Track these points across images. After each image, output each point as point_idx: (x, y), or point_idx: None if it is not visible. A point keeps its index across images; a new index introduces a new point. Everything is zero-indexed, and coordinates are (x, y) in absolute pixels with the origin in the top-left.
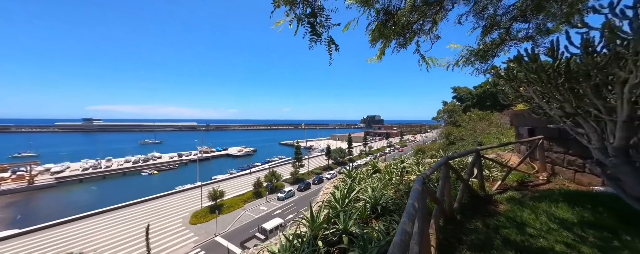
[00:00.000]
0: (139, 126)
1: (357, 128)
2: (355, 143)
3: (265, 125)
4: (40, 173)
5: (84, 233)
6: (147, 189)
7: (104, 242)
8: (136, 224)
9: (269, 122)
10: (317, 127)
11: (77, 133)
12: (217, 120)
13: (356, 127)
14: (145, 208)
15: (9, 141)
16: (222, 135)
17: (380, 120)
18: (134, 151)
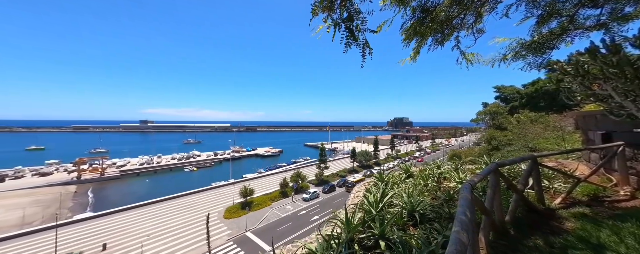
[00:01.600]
0: (182, 127)
1: (384, 131)
2: (382, 146)
3: (290, 127)
4: (109, 166)
5: (139, 220)
6: (188, 184)
7: (154, 229)
8: (180, 214)
9: (294, 123)
10: (342, 129)
11: (135, 133)
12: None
13: (382, 130)
14: (187, 201)
15: (87, 139)
16: (251, 136)
17: (409, 122)
18: (178, 150)
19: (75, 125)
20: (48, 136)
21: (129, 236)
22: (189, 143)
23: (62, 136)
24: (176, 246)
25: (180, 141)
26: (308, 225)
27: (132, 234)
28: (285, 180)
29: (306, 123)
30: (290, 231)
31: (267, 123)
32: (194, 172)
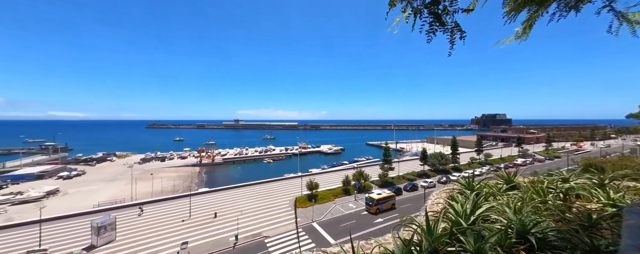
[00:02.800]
0: (262, 125)
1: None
2: (464, 148)
3: (352, 126)
4: (217, 155)
5: (235, 197)
6: (266, 173)
7: (245, 207)
8: (262, 198)
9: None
10: (409, 128)
11: (231, 130)
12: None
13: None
14: (266, 188)
15: (204, 134)
16: (315, 134)
17: (506, 120)
18: (259, 144)
19: (198, 124)
20: (185, 131)
21: (229, 210)
22: (266, 139)
23: (191, 131)
24: (259, 223)
25: (260, 137)
26: (372, 226)
27: (232, 208)
28: (348, 178)
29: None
30: (354, 229)
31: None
32: (271, 164)
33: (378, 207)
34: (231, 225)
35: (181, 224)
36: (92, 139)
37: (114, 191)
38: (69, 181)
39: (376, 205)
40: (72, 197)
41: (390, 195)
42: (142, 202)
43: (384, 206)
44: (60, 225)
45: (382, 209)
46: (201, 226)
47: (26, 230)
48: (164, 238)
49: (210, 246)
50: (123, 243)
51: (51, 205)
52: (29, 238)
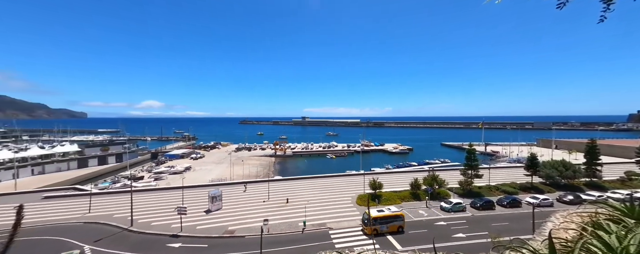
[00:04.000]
0: (325, 122)
1: (617, 131)
2: (612, 157)
3: (422, 123)
4: (287, 148)
5: (303, 187)
6: (329, 168)
7: (311, 197)
8: (325, 190)
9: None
10: (506, 127)
11: (299, 126)
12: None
13: (613, 129)
14: (329, 182)
15: (279, 129)
16: (379, 132)
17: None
18: (322, 140)
19: (273, 120)
20: (264, 127)
21: (298, 197)
22: (329, 136)
23: (269, 127)
24: (324, 214)
25: (324, 133)
26: (450, 240)
27: (300, 197)
28: (417, 181)
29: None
30: (425, 239)
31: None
32: (333, 159)
33: (375, 228)
34: (300, 212)
35: (262, 204)
36: (208, 131)
37: (220, 171)
38: (196, 161)
39: (373, 225)
40: (197, 173)
41: (395, 214)
42: (239, 182)
43: (384, 228)
44: (192, 191)
45: (382, 231)
46: (276, 208)
47: (176, 192)
48: (251, 213)
49: (283, 227)
50: (226, 211)
51: (188, 176)
52: (177, 198)
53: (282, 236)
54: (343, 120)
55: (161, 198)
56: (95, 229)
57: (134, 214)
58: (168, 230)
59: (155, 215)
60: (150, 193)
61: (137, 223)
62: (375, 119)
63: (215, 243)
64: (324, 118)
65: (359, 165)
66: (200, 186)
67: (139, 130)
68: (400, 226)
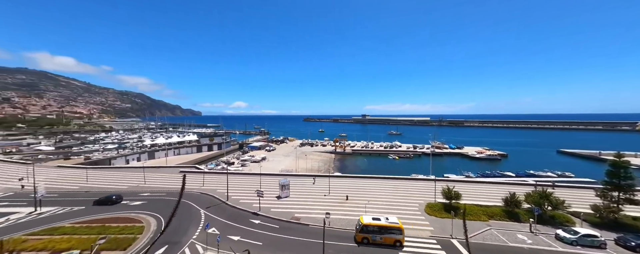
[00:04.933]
0: (387, 120)
1: None
2: None
3: (524, 123)
4: (347, 146)
5: (362, 186)
6: (391, 169)
7: (371, 197)
8: (387, 193)
9: (527, 117)
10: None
11: (358, 124)
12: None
13: None
14: (391, 184)
15: (339, 127)
16: (455, 132)
17: None
18: (384, 139)
19: (333, 118)
20: (325, 124)
21: (358, 196)
22: (392, 135)
23: (329, 124)
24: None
25: (385, 132)
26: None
27: (359, 195)
28: (515, 197)
29: (556, 117)
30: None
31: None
32: (396, 160)
33: (365, 236)
34: (360, 210)
35: (323, 198)
36: (277, 127)
37: (288, 163)
38: (269, 153)
39: (362, 233)
40: (270, 163)
41: (392, 225)
42: (304, 174)
43: (377, 238)
44: (266, 178)
45: (374, 241)
46: (337, 204)
47: (255, 177)
48: (314, 204)
49: (343, 223)
50: (293, 200)
51: (264, 165)
52: (256, 182)
53: (342, 232)
54: (408, 119)
55: (245, 180)
56: (206, 198)
57: (229, 192)
58: (250, 208)
59: (242, 194)
60: (238, 176)
61: (231, 199)
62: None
63: (285, 226)
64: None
65: (428, 169)
66: (272, 175)
67: (231, 125)
68: (397, 240)
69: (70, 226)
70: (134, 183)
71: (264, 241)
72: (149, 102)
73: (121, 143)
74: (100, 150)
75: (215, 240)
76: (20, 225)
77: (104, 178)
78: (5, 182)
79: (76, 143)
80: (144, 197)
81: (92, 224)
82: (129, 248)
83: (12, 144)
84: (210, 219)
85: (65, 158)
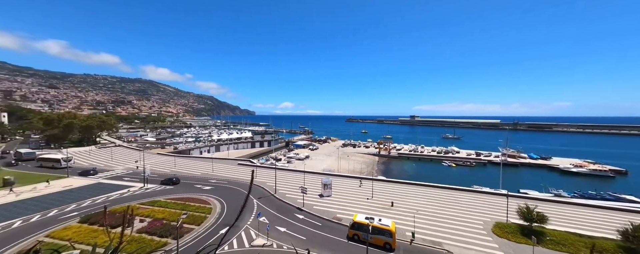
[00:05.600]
0: (442, 122)
1: None
2: None
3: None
4: (392, 148)
5: (409, 194)
6: (446, 178)
7: (420, 207)
8: (439, 204)
9: None
10: None
11: (406, 126)
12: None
13: None
14: (445, 194)
15: (383, 128)
16: (538, 138)
17: None
18: (438, 143)
19: (378, 119)
20: (368, 125)
21: (404, 203)
22: (447, 138)
23: (373, 125)
24: (440, 232)
25: (439, 135)
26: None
27: (406, 203)
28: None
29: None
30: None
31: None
32: (452, 168)
33: (356, 233)
34: (406, 220)
35: (366, 201)
36: (320, 127)
37: (330, 162)
38: (312, 151)
39: (353, 229)
40: (313, 161)
41: (383, 227)
42: (346, 175)
43: (367, 237)
44: (310, 176)
45: (365, 239)
46: (380, 209)
47: (299, 174)
48: (356, 207)
49: None
50: (335, 199)
51: (307, 163)
52: (300, 179)
53: None
54: (471, 121)
55: (291, 176)
56: (258, 190)
57: (277, 185)
58: (295, 203)
59: (288, 189)
60: (285, 171)
61: (278, 192)
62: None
63: (326, 225)
64: (439, 118)
65: (496, 182)
66: (315, 173)
67: (279, 124)
68: (387, 242)
69: (164, 201)
70: (205, 170)
71: (307, 237)
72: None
73: (197, 137)
74: (183, 142)
75: (265, 228)
76: (135, 196)
77: (185, 165)
78: (127, 163)
79: (168, 136)
80: (212, 183)
81: (177, 201)
82: (201, 224)
83: (132, 135)
84: (261, 209)
85: (161, 147)
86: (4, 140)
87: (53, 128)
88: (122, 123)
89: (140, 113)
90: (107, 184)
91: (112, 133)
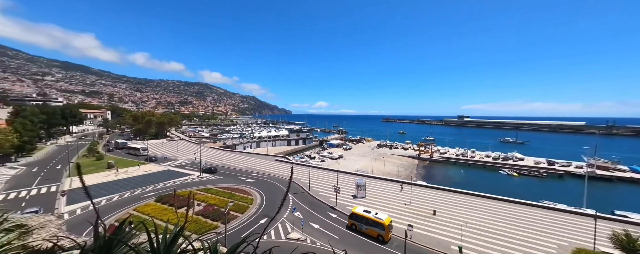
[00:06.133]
0: (500, 123)
1: None
2: None
3: None
4: (435, 151)
5: (457, 203)
6: (504, 188)
7: (469, 219)
8: (500, 218)
9: None
10: None
11: (453, 127)
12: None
13: None
14: (503, 208)
15: (423, 129)
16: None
17: None
18: (493, 148)
19: (418, 119)
20: (407, 125)
21: (449, 213)
22: (506, 142)
23: (412, 126)
24: (494, 250)
25: (496, 138)
26: None
27: (452, 213)
28: None
29: None
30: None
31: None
32: (514, 178)
33: (353, 223)
34: (452, 232)
35: (403, 207)
36: (354, 126)
37: (364, 163)
38: (346, 151)
39: (351, 219)
40: (347, 161)
41: (376, 219)
42: (381, 177)
43: (363, 227)
44: (343, 176)
45: (361, 229)
46: (420, 217)
47: (333, 173)
48: (390, 211)
49: (426, 240)
50: (369, 201)
51: (341, 163)
52: (333, 178)
53: (426, 251)
54: (541, 123)
55: (324, 175)
56: (293, 186)
57: (311, 183)
58: (328, 201)
59: (321, 187)
60: (318, 170)
61: (312, 189)
62: (632, 121)
63: None
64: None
65: (578, 199)
66: (349, 173)
67: (313, 123)
68: (380, 234)
69: (215, 189)
70: (247, 164)
71: (340, 236)
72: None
73: (241, 134)
74: (230, 137)
75: (300, 223)
76: (193, 183)
77: (231, 158)
78: (188, 154)
79: (219, 132)
80: (253, 176)
81: (225, 190)
82: (245, 213)
83: (192, 130)
84: (296, 204)
85: (213, 142)
86: (108, 132)
87: (138, 124)
88: (184, 120)
89: (198, 111)
90: (174, 171)
91: (178, 128)
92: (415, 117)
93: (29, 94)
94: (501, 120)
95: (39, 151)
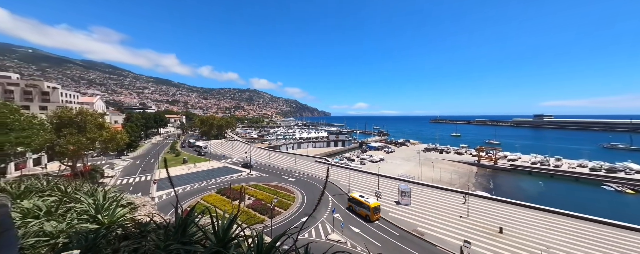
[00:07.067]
0: (602, 123)
1: None
2: None
3: None
4: (500, 158)
5: (531, 221)
6: (609, 208)
7: (553, 243)
8: (596, 245)
9: None
10: None
11: (527, 128)
12: None
13: None
14: (608, 232)
15: (484, 131)
16: None
17: None
18: (592, 156)
19: (477, 119)
20: (462, 127)
21: (521, 232)
22: (614, 149)
23: (469, 127)
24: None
25: (596, 143)
26: None
27: (525, 233)
28: None
29: None
30: None
31: None
32: (626, 195)
33: (350, 205)
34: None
35: (459, 220)
36: (397, 128)
37: (408, 168)
38: (388, 154)
39: (349, 202)
40: (388, 165)
41: (365, 202)
42: (430, 184)
43: (356, 209)
44: (384, 180)
45: (355, 210)
46: (481, 234)
47: (373, 177)
48: (442, 223)
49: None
50: (415, 210)
51: (382, 166)
52: (374, 182)
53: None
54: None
55: (363, 178)
56: (332, 187)
57: (350, 185)
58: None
59: (360, 190)
60: (358, 172)
61: (351, 192)
62: None
63: (404, 236)
64: (593, 118)
65: None
66: (391, 178)
67: (352, 124)
68: (366, 214)
69: (263, 185)
70: (289, 164)
71: (383, 244)
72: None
73: (284, 135)
74: (274, 139)
75: (339, 225)
76: (244, 179)
77: (276, 158)
78: (240, 153)
79: (266, 133)
80: (295, 176)
81: (271, 187)
82: (288, 209)
83: (244, 132)
84: (335, 206)
85: (260, 142)
86: (183, 133)
87: (204, 127)
88: (238, 123)
89: (248, 115)
90: (230, 168)
91: (233, 130)
92: (472, 117)
93: (134, 104)
94: (604, 119)
95: (141, 147)
